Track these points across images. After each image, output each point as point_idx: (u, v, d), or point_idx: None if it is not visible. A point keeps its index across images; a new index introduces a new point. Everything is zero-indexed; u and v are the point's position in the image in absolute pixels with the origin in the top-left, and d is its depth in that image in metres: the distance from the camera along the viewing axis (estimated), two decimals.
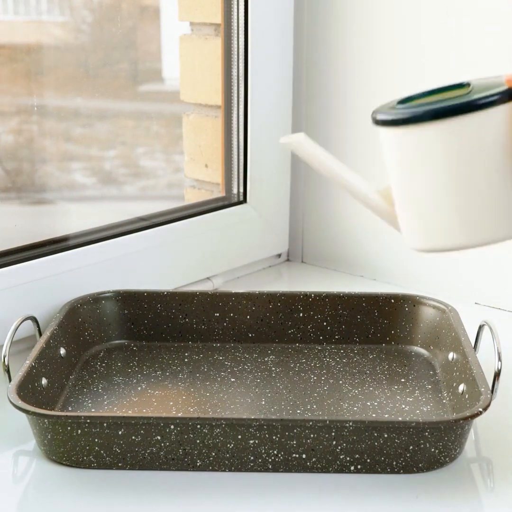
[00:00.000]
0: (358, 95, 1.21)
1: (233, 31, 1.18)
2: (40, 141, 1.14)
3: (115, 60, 1.19)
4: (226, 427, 0.73)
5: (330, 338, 0.99)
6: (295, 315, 0.99)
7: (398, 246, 1.21)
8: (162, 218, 1.14)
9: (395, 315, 0.99)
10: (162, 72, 1.33)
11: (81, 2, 1.14)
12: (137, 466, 0.75)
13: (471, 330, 0.90)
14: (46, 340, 0.86)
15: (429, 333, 0.97)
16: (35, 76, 1.07)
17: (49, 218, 1.13)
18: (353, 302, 0.99)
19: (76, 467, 0.75)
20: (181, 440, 0.74)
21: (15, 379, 0.78)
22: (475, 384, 0.79)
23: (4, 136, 1.10)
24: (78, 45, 1.15)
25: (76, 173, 1.21)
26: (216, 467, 0.75)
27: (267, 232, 1.25)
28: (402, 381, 0.91)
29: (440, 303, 0.97)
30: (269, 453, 0.74)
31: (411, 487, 0.73)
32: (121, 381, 0.90)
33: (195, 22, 1.23)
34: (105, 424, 0.73)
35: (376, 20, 1.18)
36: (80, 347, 0.94)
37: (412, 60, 1.16)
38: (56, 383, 0.86)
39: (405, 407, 0.85)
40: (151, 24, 1.26)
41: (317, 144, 0.73)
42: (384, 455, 0.74)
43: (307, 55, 1.24)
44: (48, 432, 0.75)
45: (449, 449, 0.75)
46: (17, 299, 0.94)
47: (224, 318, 0.99)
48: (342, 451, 0.74)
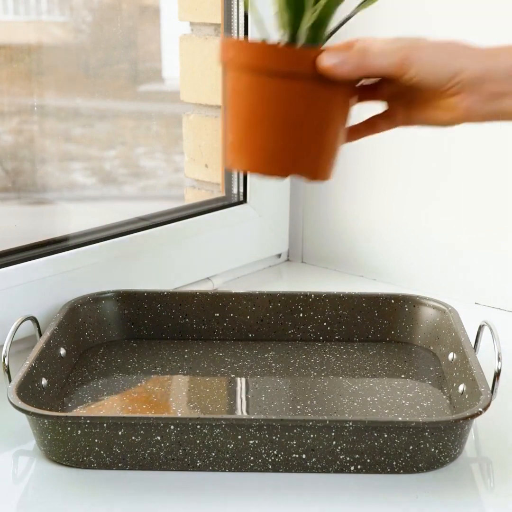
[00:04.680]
0: None
1: (233, 31, 1.18)
2: (40, 141, 1.14)
3: (115, 60, 1.19)
4: (226, 427, 0.73)
5: (330, 339, 0.99)
6: (295, 315, 0.99)
7: (398, 246, 1.21)
8: (162, 218, 1.14)
9: (395, 315, 0.99)
10: (162, 72, 1.33)
11: (81, 2, 1.14)
12: (137, 467, 0.75)
13: (471, 330, 0.90)
14: (46, 340, 0.86)
15: (429, 334, 0.97)
16: (35, 76, 1.07)
17: (49, 218, 1.13)
18: (353, 302, 0.99)
19: (76, 468, 0.75)
20: (181, 440, 0.74)
21: (15, 379, 0.78)
22: (475, 384, 0.79)
23: (4, 136, 1.10)
24: (78, 45, 1.15)
25: (76, 173, 1.21)
26: (216, 467, 0.75)
27: (267, 232, 1.25)
28: (402, 377, 0.91)
29: (440, 303, 0.97)
30: (269, 453, 0.74)
31: (411, 487, 0.73)
32: (121, 377, 0.90)
33: (195, 22, 1.23)
34: (105, 425, 0.73)
35: (376, 20, 1.17)
36: (80, 347, 0.95)
37: None
38: (56, 384, 0.86)
39: (405, 403, 0.85)
40: (151, 24, 1.26)
41: None
42: (384, 455, 0.74)
43: None
44: (48, 432, 0.75)
45: (449, 449, 0.75)
46: (17, 299, 0.94)
47: (224, 318, 0.99)
48: (342, 451, 0.74)
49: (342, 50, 0.72)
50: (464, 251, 1.14)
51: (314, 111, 0.75)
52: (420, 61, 0.72)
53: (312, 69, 0.72)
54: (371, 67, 0.72)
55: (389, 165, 1.20)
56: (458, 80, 0.73)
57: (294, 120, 0.75)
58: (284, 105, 0.74)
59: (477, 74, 0.73)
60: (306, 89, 0.73)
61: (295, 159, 0.76)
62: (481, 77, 0.73)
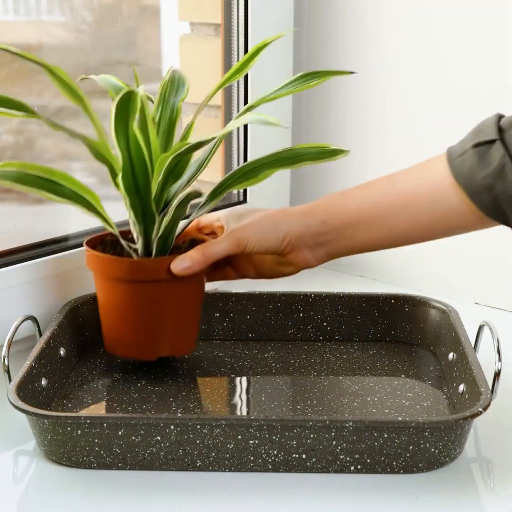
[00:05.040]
0: (358, 94, 1.21)
1: (233, 31, 1.18)
2: (40, 141, 1.14)
3: (115, 60, 1.18)
4: (226, 427, 0.73)
5: (330, 339, 0.99)
6: (295, 315, 0.99)
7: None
8: None
9: (395, 315, 0.99)
10: (162, 72, 1.33)
11: (81, 2, 1.14)
12: (137, 467, 0.75)
13: (471, 330, 0.90)
14: (46, 340, 0.86)
15: (429, 333, 0.97)
16: (35, 76, 1.07)
17: (49, 218, 1.13)
18: (353, 302, 0.99)
19: (76, 468, 0.75)
20: (181, 441, 0.74)
21: (15, 379, 0.78)
22: (475, 384, 0.79)
23: (4, 136, 1.10)
24: (78, 45, 1.15)
25: (76, 173, 1.21)
26: (216, 467, 0.75)
27: None
28: (402, 376, 0.91)
29: (440, 303, 0.97)
30: (269, 453, 0.74)
31: (411, 487, 0.73)
32: (120, 378, 0.90)
33: (195, 22, 1.23)
34: (105, 425, 0.73)
35: (376, 19, 1.18)
36: (80, 347, 0.94)
37: (412, 58, 1.16)
38: (56, 384, 0.86)
39: (405, 403, 0.85)
40: (151, 24, 1.25)
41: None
42: (384, 455, 0.74)
43: (307, 55, 1.24)
44: (48, 432, 0.75)
45: (449, 449, 0.75)
46: (17, 299, 0.94)
47: (224, 318, 0.99)
48: (342, 451, 0.74)
49: (187, 254, 0.84)
50: (464, 251, 1.14)
51: (174, 303, 0.87)
52: (253, 236, 0.86)
53: (168, 274, 0.84)
54: (216, 256, 0.85)
55: (389, 165, 1.20)
56: (287, 241, 0.86)
57: (157, 313, 0.87)
58: (146, 303, 0.86)
59: (299, 232, 0.86)
60: (164, 288, 0.86)
61: (162, 344, 0.88)
62: (303, 233, 0.86)
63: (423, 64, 1.14)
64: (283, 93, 0.87)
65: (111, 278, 0.86)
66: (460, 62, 1.11)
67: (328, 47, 1.22)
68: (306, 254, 0.88)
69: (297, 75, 0.87)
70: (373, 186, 0.88)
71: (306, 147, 0.86)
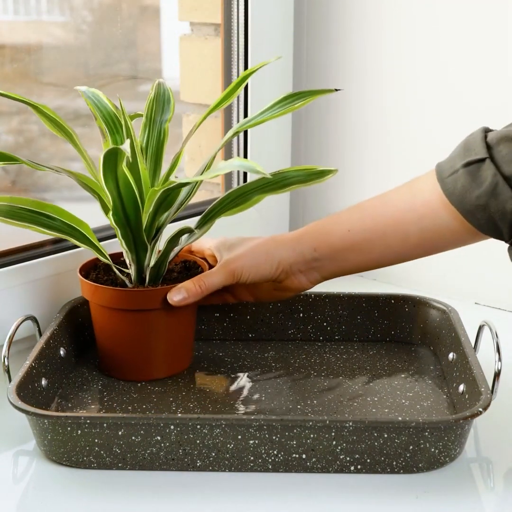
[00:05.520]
0: (358, 94, 1.21)
1: (233, 31, 1.18)
2: (40, 141, 1.14)
3: (115, 60, 1.18)
4: (226, 427, 0.73)
5: (330, 339, 0.99)
6: (295, 315, 0.99)
7: None
8: None
9: (395, 315, 0.99)
10: (162, 72, 1.33)
11: (81, 2, 1.14)
12: (137, 467, 0.75)
13: (471, 330, 0.90)
14: (46, 340, 0.86)
15: (429, 333, 0.97)
16: (35, 76, 1.07)
17: None
18: (353, 302, 0.99)
19: (76, 468, 0.75)
20: (181, 441, 0.74)
21: (15, 379, 0.78)
22: (475, 384, 0.79)
23: (4, 136, 1.10)
24: (78, 45, 1.15)
25: None
26: (216, 467, 0.75)
27: (267, 232, 1.25)
28: (402, 376, 0.91)
29: (440, 303, 0.97)
30: (269, 453, 0.74)
31: (411, 487, 0.73)
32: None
33: (195, 22, 1.23)
34: (105, 425, 0.73)
35: (376, 18, 1.18)
36: (80, 347, 0.94)
37: (411, 57, 1.16)
38: (56, 384, 0.86)
39: (405, 402, 0.85)
40: (151, 24, 1.25)
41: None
42: (384, 455, 0.74)
43: (307, 55, 1.24)
44: (48, 432, 0.75)
45: (449, 449, 0.75)
46: (17, 299, 0.94)
47: (224, 318, 0.99)
48: (342, 451, 0.74)
49: (184, 285, 0.86)
50: (464, 251, 1.14)
51: (168, 329, 0.88)
52: (247, 266, 0.87)
53: (162, 303, 0.85)
54: (212, 288, 0.86)
55: (388, 165, 1.20)
56: (280, 269, 0.88)
57: (151, 339, 0.88)
58: (140, 330, 0.87)
59: (292, 260, 0.88)
60: (158, 316, 0.87)
61: (157, 368, 0.89)
62: (296, 261, 0.88)
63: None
64: (267, 118, 0.86)
65: (105, 306, 0.88)
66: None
67: (328, 47, 1.22)
68: (300, 279, 0.90)
69: (281, 96, 0.86)
70: (363, 209, 0.89)
71: (294, 170, 0.85)
